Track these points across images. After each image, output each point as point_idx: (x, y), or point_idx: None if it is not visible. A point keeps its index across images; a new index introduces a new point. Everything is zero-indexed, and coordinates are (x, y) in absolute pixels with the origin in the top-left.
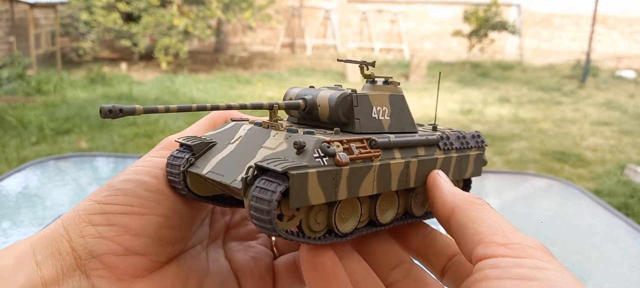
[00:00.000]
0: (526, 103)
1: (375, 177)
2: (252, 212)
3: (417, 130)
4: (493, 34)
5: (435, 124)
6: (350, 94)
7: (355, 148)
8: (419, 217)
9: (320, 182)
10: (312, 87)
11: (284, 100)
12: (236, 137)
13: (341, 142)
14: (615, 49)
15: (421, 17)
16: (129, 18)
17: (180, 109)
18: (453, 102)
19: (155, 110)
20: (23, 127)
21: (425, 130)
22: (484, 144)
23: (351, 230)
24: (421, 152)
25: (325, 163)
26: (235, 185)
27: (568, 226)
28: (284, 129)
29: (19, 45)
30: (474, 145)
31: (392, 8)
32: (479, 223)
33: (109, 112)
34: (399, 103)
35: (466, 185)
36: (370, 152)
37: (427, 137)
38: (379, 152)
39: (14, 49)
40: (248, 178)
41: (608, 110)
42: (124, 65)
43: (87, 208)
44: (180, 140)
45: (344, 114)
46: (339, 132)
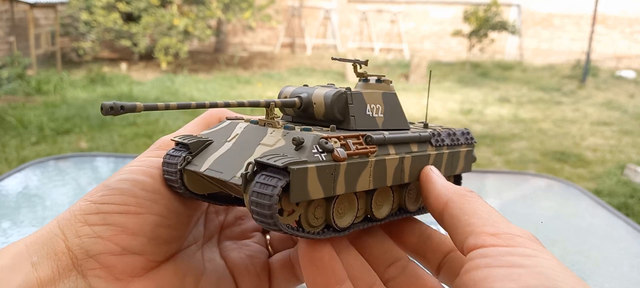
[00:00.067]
0: (526, 103)
1: (372, 172)
2: (253, 207)
3: (409, 127)
4: (493, 34)
5: (426, 121)
6: (345, 92)
7: (352, 144)
8: (413, 212)
9: (319, 177)
10: (306, 85)
11: (279, 98)
12: (232, 135)
13: (338, 138)
14: (615, 49)
15: (421, 17)
16: (129, 18)
17: (180, 106)
18: (453, 102)
19: (155, 108)
20: (23, 127)
21: (417, 128)
22: (474, 141)
23: (348, 225)
24: (414, 148)
25: (324, 158)
26: (234, 182)
27: (568, 226)
28: (280, 126)
29: (19, 45)
30: (464, 142)
31: (392, 8)
32: (471, 215)
33: (110, 109)
34: (391, 101)
35: (456, 181)
36: (366, 148)
37: (420, 134)
38: (374, 148)
39: (14, 49)
40: (248, 174)
41: (608, 110)
42: (124, 65)
43: (83, 208)
44: (176, 139)
45: (339, 112)
46: (335, 129)
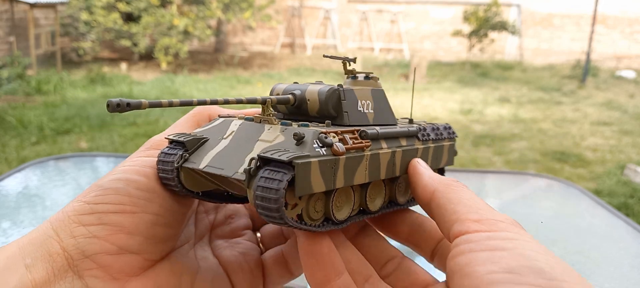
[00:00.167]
0: (526, 103)
1: (367, 166)
2: (258, 202)
3: (397, 122)
4: (493, 34)
5: (411, 118)
6: (338, 89)
7: (348, 139)
8: (403, 204)
9: (321, 171)
10: (296, 83)
11: (271, 95)
12: (228, 132)
13: (336, 133)
14: (615, 49)
15: (421, 17)
16: (129, 18)
17: (183, 103)
18: (453, 102)
19: (159, 105)
20: (23, 127)
21: (403, 123)
22: (455, 135)
23: (346, 217)
24: (403, 142)
25: (324, 153)
26: (237, 177)
27: (568, 226)
28: (277, 122)
29: (19, 45)
30: (446, 136)
31: (392, 8)
32: (456, 203)
33: (116, 106)
34: (380, 97)
35: (440, 174)
36: (362, 143)
37: (408, 129)
38: (369, 142)
39: (14, 49)
40: (251, 169)
41: (608, 110)
42: (124, 65)
43: (77, 209)
44: (170, 137)
45: (333, 108)
46: (330, 125)
